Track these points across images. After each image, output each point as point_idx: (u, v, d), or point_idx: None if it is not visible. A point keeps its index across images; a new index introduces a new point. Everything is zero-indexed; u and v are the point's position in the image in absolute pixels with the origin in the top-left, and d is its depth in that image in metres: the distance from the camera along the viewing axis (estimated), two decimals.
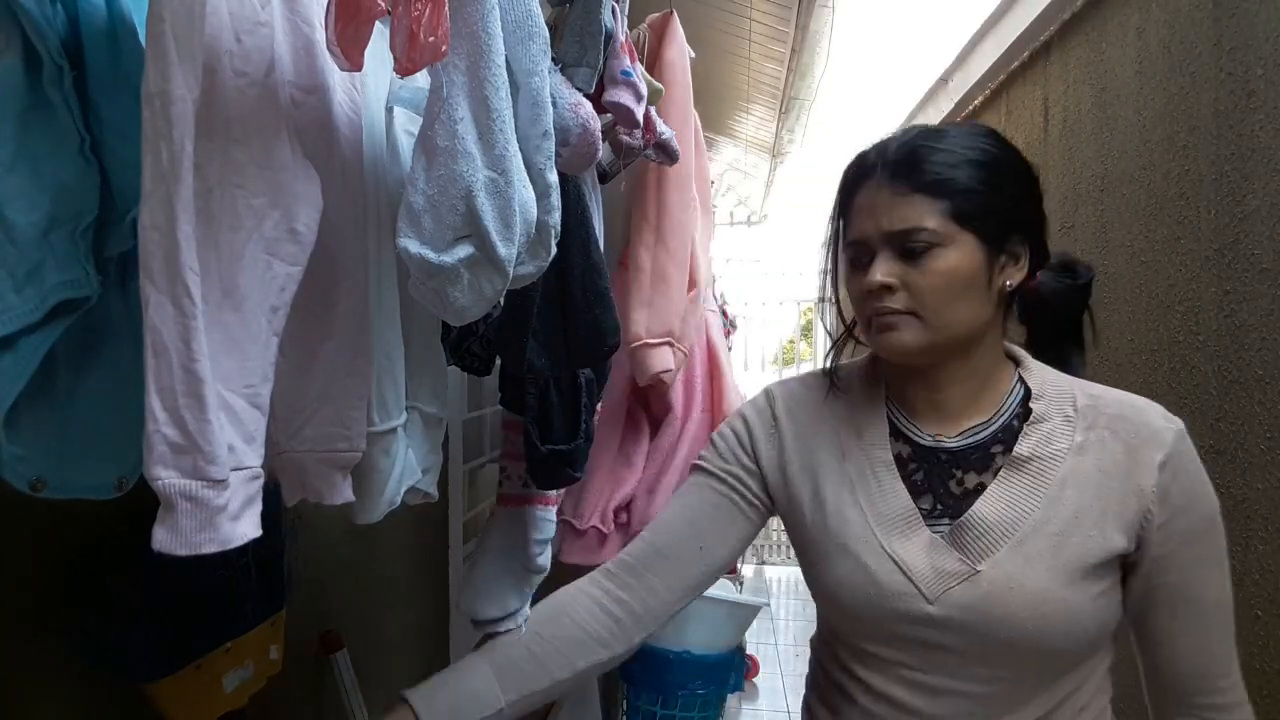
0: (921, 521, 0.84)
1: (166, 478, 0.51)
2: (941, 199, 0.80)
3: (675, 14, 1.69)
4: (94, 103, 0.57)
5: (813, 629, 0.98)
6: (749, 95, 3.85)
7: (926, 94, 3.05)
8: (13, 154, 0.53)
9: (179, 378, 0.51)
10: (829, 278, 0.95)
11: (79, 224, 0.55)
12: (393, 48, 0.59)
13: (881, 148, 0.85)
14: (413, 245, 0.64)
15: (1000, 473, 0.83)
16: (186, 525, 0.52)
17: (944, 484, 0.85)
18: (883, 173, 0.82)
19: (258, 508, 0.59)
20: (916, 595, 0.81)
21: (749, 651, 3.55)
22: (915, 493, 0.85)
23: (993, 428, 0.86)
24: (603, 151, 1.14)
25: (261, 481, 0.60)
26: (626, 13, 1.21)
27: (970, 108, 2.72)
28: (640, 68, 1.22)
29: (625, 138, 1.28)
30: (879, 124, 3.92)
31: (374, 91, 0.79)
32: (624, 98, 1.13)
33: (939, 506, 0.85)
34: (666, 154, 1.45)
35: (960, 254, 0.80)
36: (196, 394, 0.52)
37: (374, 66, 0.75)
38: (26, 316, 0.52)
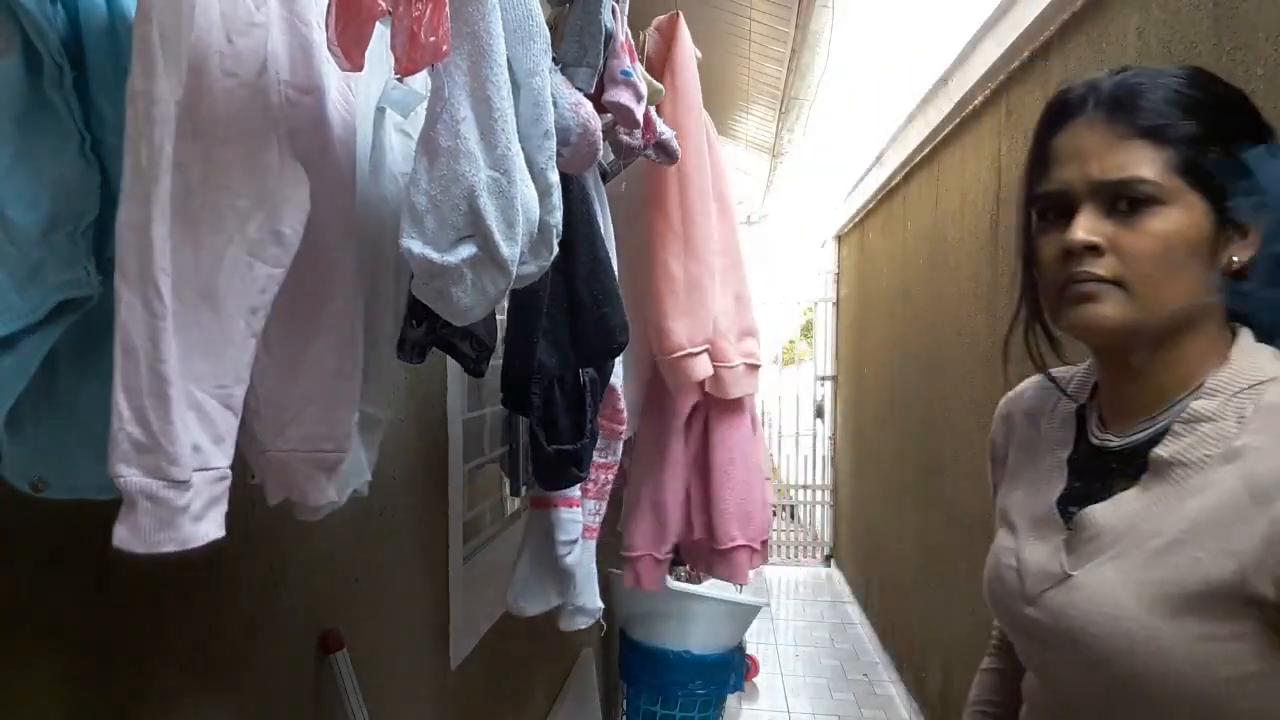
0: (1059, 526, 0.74)
1: (128, 475, 0.51)
2: (1166, 147, 0.66)
3: (681, 16, 1.69)
4: (94, 103, 0.57)
5: (812, 629, 0.95)
6: (749, 95, 3.85)
7: (926, 94, 3.06)
8: (13, 154, 0.53)
9: (145, 377, 0.51)
10: (1021, 239, 0.77)
11: (79, 224, 0.55)
12: (393, 48, 0.59)
13: (1092, 83, 0.71)
14: (416, 245, 0.64)
15: (1142, 477, 0.70)
16: (146, 524, 0.52)
17: (1095, 487, 0.74)
18: (1096, 110, 0.69)
19: (222, 508, 0.59)
20: (1019, 594, 0.75)
21: (749, 651, 3.54)
22: (1069, 496, 0.76)
23: (1157, 425, 0.71)
24: (603, 151, 1.15)
25: (228, 482, 0.60)
26: (626, 13, 1.21)
27: (970, 108, 2.72)
28: (640, 68, 1.22)
29: (625, 137, 1.28)
30: (879, 124, 3.92)
31: (366, 93, 0.79)
32: (624, 98, 1.14)
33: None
34: (666, 154, 1.45)
35: (1184, 215, 0.66)
36: (161, 394, 0.52)
37: (366, 68, 0.75)
38: (27, 316, 0.52)
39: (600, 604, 1.45)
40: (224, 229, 0.59)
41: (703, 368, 1.73)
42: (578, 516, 1.35)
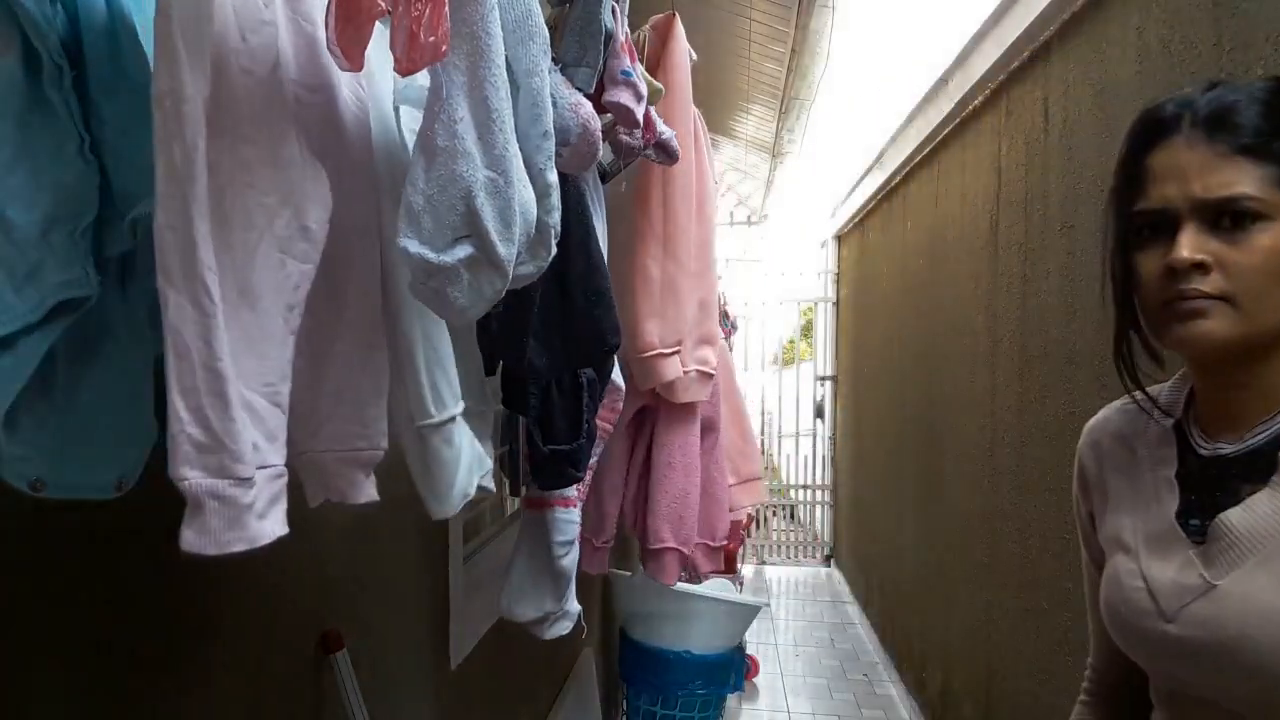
0: (1184, 540, 0.74)
1: (193, 478, 0.51)
2: (1267, 162, 0.67)
3: (678, 15, 1.70)
4: (94, 102, 0.57)
5: (812, 629, 0.94)
6: (749, 95, 3.85)
7: (926, 94, 3.06)
8: (13, 154, 0.53)
9: (201, 377, 0.51)
10: (1112, 258, 0.78)
11: (79, 224, 0.55)
12: (393, 47, 0.59)
13: (1185, 101, 0.72)
14: (412, 245, 0.64)
15: (1271, 479, 0.70)
16: (216, 524, 0.52)
17: (1215, 497, 0.74)
18: (1193, 130, 0.70)
19: (283, 505, 0.59)
20: (1155, 613, 0.73)
21: (749, 651, 3.55)
22: (1188, 510, 0.76)
23: (1275, 427, 0.72)
24: (603, 151, 1.15)
25: (285, 479, 0.60)
26: (626, 13, 1.21)
27: (970, 108, 2.72)
28: (640, 68, 1.22)
29: (625, 138, 1.28)
30: (879, 124, 3.92)
31: (383, 88, 0.78)
32: (624, 98, 1.14)
33: (1208, 523, 0.73)
34: (666, 154, 1.45)
35: None
36: (220, 393, 0.52)
37: (382, 63, 0.75)
38: (26, 316, 0.52)
39: (578, 606, 1.45)
40: (255, 226, 0.59)
41: (673, 369, 1.75)
42: (574, 517, 1.35)
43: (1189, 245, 0.68)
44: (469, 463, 0.83)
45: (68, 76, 0.55)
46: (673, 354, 1.74)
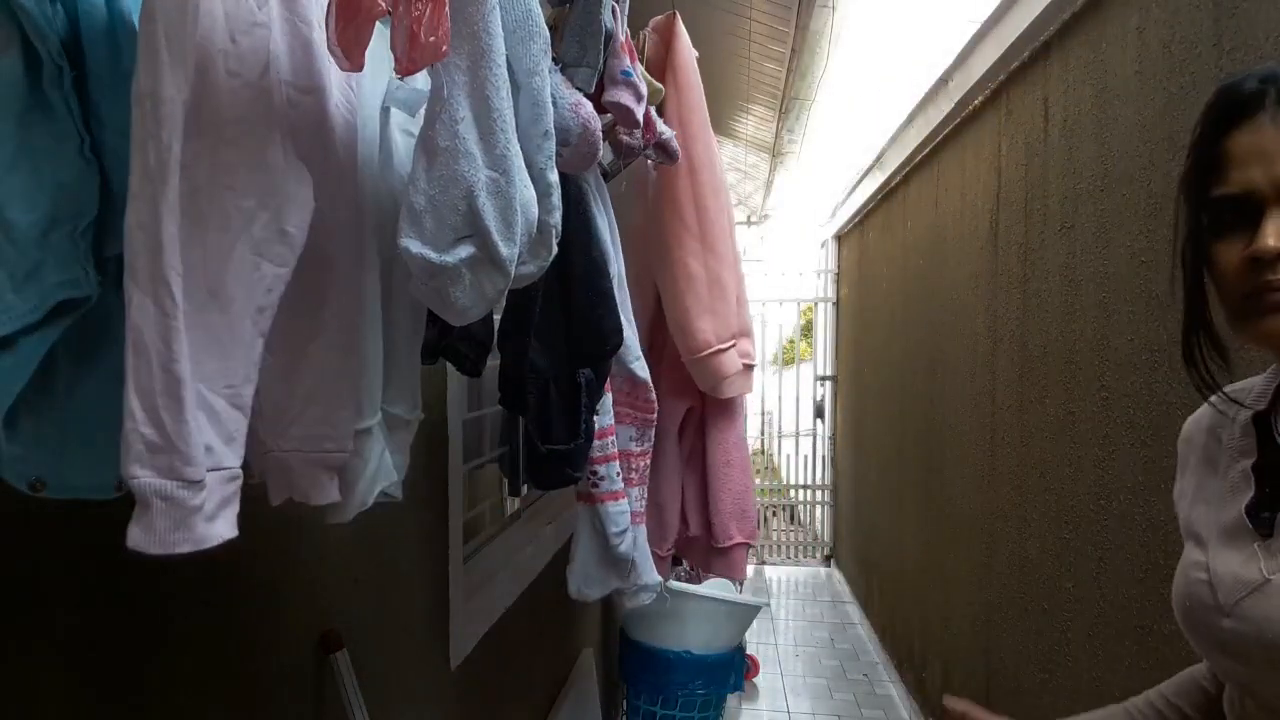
0: (1252, 532, 0.71)
1: (142, 476, 0.51)
2: None
3: (678, 15, 1.70)
4: (94, 103, 0.57)
5: (812, 629, 0.93)
6: (749, 95, 3.85)
7: (926, 94, 3.05)
8: (13, 154, 0.53)
9: (158, 377, 0.52)
10: (1183, 248, 0.74)
11: (78, 224, 0.55)
12: (393, 48, 0.59)
13: (1269, 76, 0.66)
14: (414, 245, 0.64)
15: None
16: (161, 525, 0.52)
17: None
18: (1278, 108, 0.65)
19: (234, 508, 0.59)
20: (1214, 607, 0.71)
21: (749, 651, 3.55)
22: (1262, 503, 0.72)
23: None
24: (603, 151, 1.15)
25: (240, 482, 0.60)
26: (626, 13, 1.21)
27: (970, 108, 2.72)
28: (640, 67, 1.22)
29: (625, 138, 1.28)
30: (879, 124, 3.92)
31: (369, 92, 0.79)
32: (624, 98, 1.14)
33: (1277, 515, 0.70)
34: (666, 154, 1.45)
35: None
36: (175, 394, 0.52)
37: (369, 67, 0.75)
38: (26, 316, 0.52)
39: (659, 578, 1.52)
40: (231, 228, 0.59)
41: (732, 363, 1.72)
42: (624, 507, 1.40)
43: (1276, 234, 0.63)
44: (372, 473, 0.82)
45: (68, 76, 0.55)
46: (730, 348, 1.72)
